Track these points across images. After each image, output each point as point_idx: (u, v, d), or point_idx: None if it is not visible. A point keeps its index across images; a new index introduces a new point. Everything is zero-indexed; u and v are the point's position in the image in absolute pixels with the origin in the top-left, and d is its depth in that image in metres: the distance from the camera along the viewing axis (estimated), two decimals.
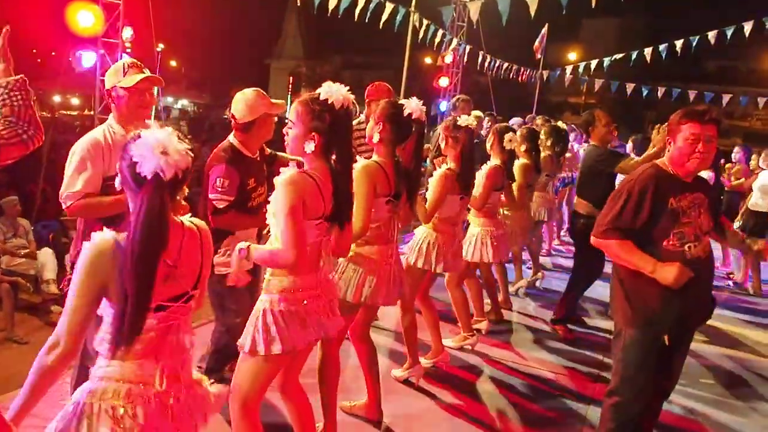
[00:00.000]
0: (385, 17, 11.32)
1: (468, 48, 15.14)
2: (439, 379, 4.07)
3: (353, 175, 2.78)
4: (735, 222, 7.44)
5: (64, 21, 7.12)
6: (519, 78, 18.78)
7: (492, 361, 4.51)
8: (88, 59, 7.52)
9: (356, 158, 3.05)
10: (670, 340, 2.82)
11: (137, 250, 1.63)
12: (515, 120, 8.24)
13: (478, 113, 7.02)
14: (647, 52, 14.36)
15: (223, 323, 3.45)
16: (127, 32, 8.06)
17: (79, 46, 7.58)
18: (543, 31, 17.45)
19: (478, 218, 4.71)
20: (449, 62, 14.88)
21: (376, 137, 3.00)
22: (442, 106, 14.65)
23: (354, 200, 2.61)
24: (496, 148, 4.69)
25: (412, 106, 3.03)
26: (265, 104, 3.27)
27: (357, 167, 2.86)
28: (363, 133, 4.32)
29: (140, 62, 3.00)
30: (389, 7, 11.27)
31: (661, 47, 14.02)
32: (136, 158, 1.64)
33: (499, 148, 4.67)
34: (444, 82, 14.94)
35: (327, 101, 2.32)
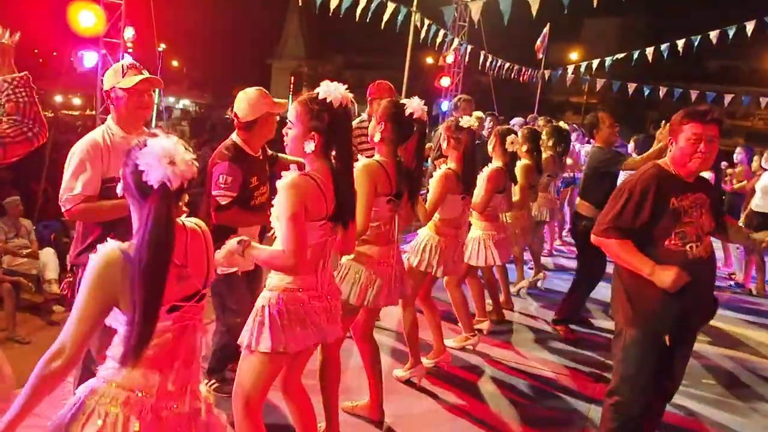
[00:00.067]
0: (386, 17, 11.32)
1: (469, 48, 15.13)
2: (440, 379, 4.07)
3: (354, 174, 2.79)
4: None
5: (65, 21, 7.11)
6: (521, 78, 18.76)
7: (494, 361, 4.51)
8: (90, 59, 7.50)
9: (357, 157, 3.05)
10: (671, 341, 2.82)
11: (145, 260, 1.63)
12: (516, 120, 8.23)
13: (479, 114, 7.02)
14: (649, 51, 14.35)
15: (224, 323, 3.46)
16: (129, 32, 8.04)
17: (81, 46, 7.56)
18: (544, 31, 17.45)
19: (480, 221, 4.70)
20: (450, 62, 14.86)
21: (378, 137, 3.00)
22: (444, 106, 14.64)
23: (356, 199, 2.61)
24: (498, 150, 4.68)
25: (413, 105, 3.03)
26: (268, 103, 3.28)
27: (358, 166, 2.86)
28: (365, 132, 4.33)
29: (139, 63, 2.99)
30: (391, 6, 11.27)
31: (663, 47, 14.01)
32: (143, 167, 1.63)
33: (501, 150, 4.65)
34: (445, 81, 14.92)
35: (326, 100, 2.31)
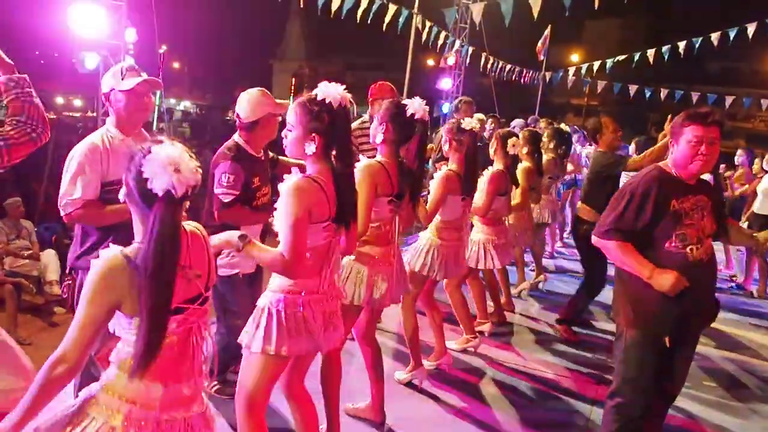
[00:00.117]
0: (388, 19, 11.30)
1: (470, 49, 15.14)
2: (442, 381, 4.06)
3: (355, 174, 2.79)
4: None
5: (67, 23, 7.12)
6: (522, 80, 18.76)
7: (495, 363, 4.51)
8: (91, 61, 7.51)
9: (359, 158, 3.05)
10: (672, 342, 2.82)
11: (152, 267, 1.63)
12: (517, 122, 8.20)
13: (480, 116, 7.00)
14: (650, 53, 14.36)
15: (225, 325, 3.45)
16: (131, 34, 8.04)
17: (82, 48, 7.57)
18: (546, 33, 17.47)
19: (482, 224, 4.69)
20: (452, 64, 14.89)
21: (380, 137, 3.00)
22: (445, 108, 14.65)
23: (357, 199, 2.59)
24: (499, 153, 4.66)
25: (415, 106, 3.02)
26: (270, 104, 3.28)
27: (359, 166, 2.86)
28: (366, 132, 4.33)
29: (140, 65, 2.99)
30: (392, 8, 11.26)
31: (664, 49, 14.01)
32: (147, 174, 1.63)
33: (503, 153, 4.64)
34: (446, 83, 14.94)
35: (325, 101, 2.30)
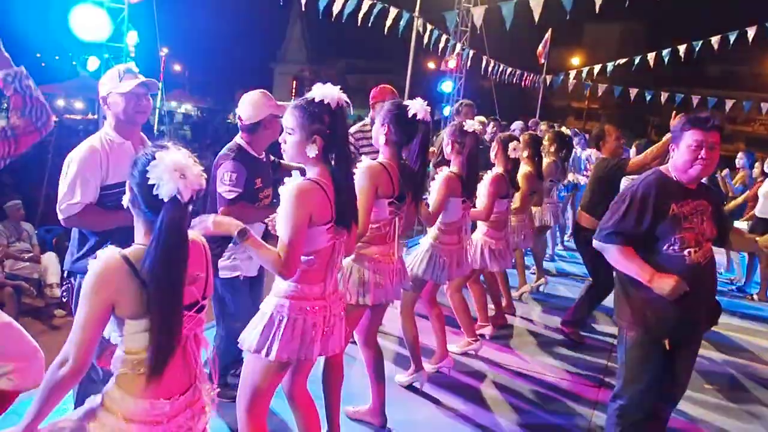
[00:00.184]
0: (389, 22, 11.33)
1: (471, 53, 15.17)
2: (443, 384, 4.06)
3: (356, 175, 2.78)
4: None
5: (68, 25, 7.14)
6: (522, 83, 18.80)
7: (496, 366, 4.50)
8: (93, 64, 7.54)
9: (362, 159, 3.04)
10: (671, 345, 2.82)
11: (159, 273, 1.63)
12: (517, 124, 8.19)
13: (481, 118, 7.00)
14: (650, 57, 14.38)
15: (224, 328, 3.45)
16: (132, 37, 8.06)
17: (84, 51, 7.60)
18: (546, 36, 17.52)
19: (485, 227, 4.69)
20: (452, 67, 14.92)
21: (381, 139, 2.99)
22: (446, 111, 14.67)
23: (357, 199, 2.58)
24: (500, 157, 4.64)
25: (416, 106, 3.01)
26: (271, 105, 3.28)
27: (361, 167, 2.86)
28: (366, 135, 4.33)
29: (135, 68, 2.98)
30: (393, 12, 11.29)
31: (665, 52, 14.04)
32: (153, 180, 1.63)
33: (503, 157, 4.62)
34: (447, 86, 14.97)
35: (323, 102, 2.29)
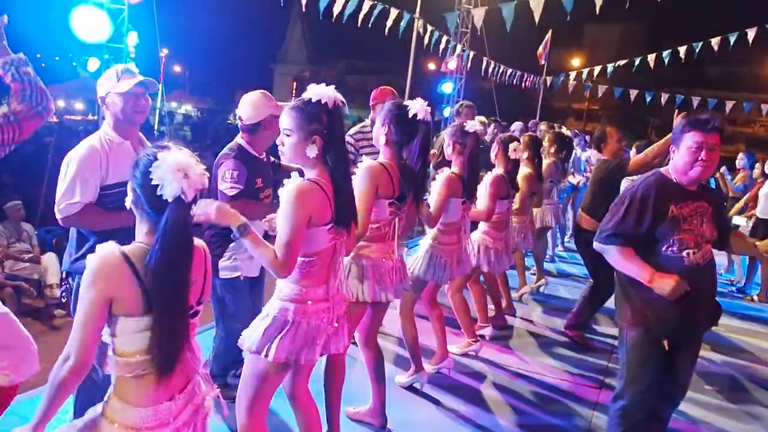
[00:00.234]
0: (389, 23, 11.34)
1: (472, 54, 15.18)
2: (443, 385, 4.06)
3: (356, 175, 2.78)
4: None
5: (69, 26, 7.15)
6: (522, 84, 18.82)
7: (496, 366, 4.50)
8: (93, 64, 7.55)
9: (362, 159, 3.05)
10: (671, 346, 2.82)
11: (163, 273, 1.64)
12: (516, 125, 8.18)
13: (482, 118, 7.00)
14: (650, 58, 14.39)
15: (224, 328, 3.45)
16: (132, 37, 8.07)
17: (84, 52, 7.61)
18: (547, 37, 17.53)
19: (485, 226, 4.69)
20: (453, 68, 14.92)
21: (382, 139, 2.99)
22: (446, 112, 14.68)
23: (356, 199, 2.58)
24: (500, 157, 4.63)
25: (417, 107, 3.01)
26: (271, 106, 3.29)
27: (361, 167, 2.86)
28: (366, 136, 4.33)
29: (134, 68, 2.98)
30: (394, 13, 11.30)
31: (665, 53, 14.05)
32: (156, 181, 1.63)
33: (504, 157, 4.61)
34: (448, 87, 14.98)
35: (320, 102, 2.29)
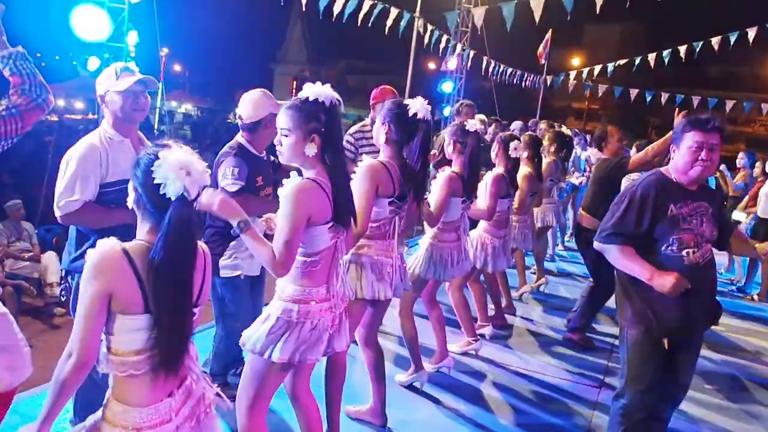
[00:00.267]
0: (389, 23, 11.34)
1: (472, 53, 15.18)
2: (443, 384, 4.05)
3: (357, 174, 2.77)
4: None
5: (69, 25, 7.15)
6: (523, 83, 18.82)
7: (496, 366, 4.50)
8: (93, 64, 7.54)
9: (362, 158, 3.04)
10: (671, 344, 2.82)
11: (167, 271, 1.63)
12: (516, 124, 8.17)
13: (482, 117, 6.99)
14: (651, 57, 14.38)
15: (224, 328, 3.45)
16: (132, 37, 8.07)
17: (84, 51, 7.61)
18: (547, 37, 17.53)
19: (485, 223, 4.68)
20: (453, 67, 14.92)
21: (382, 138, 2.99)
22: (446, 112, 14.68)
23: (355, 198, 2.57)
24: (500, 156, 4.62)
25: (417, 105, 3.00)
26: (271, 105, 3.29)
27: (361, 166, 2.85)
28: (366, 135, 4.33)
29: (134, 66, 2.98)
30: (394, 12, 11.30)
31: (665, 53, 14.05)
32: (159, 180, 1.62)
33: (504, 156, 4.60)
34: (448, 87, 14.97)
35: (318, 101, 2.29)
